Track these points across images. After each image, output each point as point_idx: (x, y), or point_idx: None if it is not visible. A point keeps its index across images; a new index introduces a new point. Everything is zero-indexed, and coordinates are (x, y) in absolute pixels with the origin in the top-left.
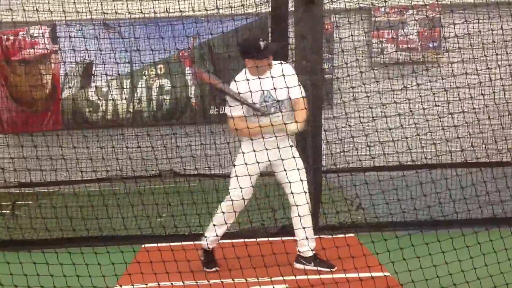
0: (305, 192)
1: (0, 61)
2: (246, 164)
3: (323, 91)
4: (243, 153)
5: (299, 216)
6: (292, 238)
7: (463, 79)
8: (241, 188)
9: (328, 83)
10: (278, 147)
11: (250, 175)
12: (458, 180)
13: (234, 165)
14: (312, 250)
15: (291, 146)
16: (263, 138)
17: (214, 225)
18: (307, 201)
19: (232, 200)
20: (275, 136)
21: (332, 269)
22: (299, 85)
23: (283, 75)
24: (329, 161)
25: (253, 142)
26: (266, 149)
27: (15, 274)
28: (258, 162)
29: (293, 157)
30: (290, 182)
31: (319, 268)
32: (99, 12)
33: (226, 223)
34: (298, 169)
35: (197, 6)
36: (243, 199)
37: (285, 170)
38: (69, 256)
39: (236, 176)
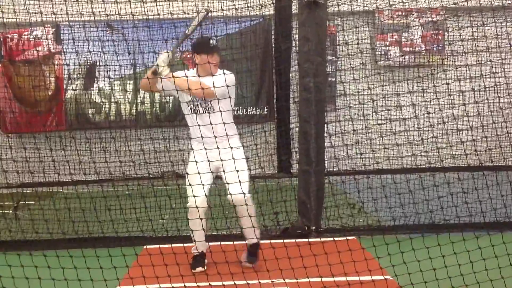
0: (244, 194)
1: (4, 62)
2: (198, 172)
3: (325, 94)
4: (194, 161)
5: (240, 216)
6: (294, 240)
7: (467, 83)
8: (194, 196)
9: (332, 86)
10: (218, 148)
11: (202, 184)
12: (461, 184)
13: (187, 173)
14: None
15: (233, 148)
16: (202, 137)
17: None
18: (247, 203)
19: (196, 207)
20: (215, 137)
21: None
22: (224, 85)
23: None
24: (332, 163)
25: (197, 144)
26: (205, 148)
27: (17, 277)
28: (210, 169)
29: (233, 158)
30: (228, 183)
31: (244, 261)
32: (102, 14)
33: (192, 230)
34: (238, 170)
35: (201, 8)
36: (197, 207)
37: (224, 171)
38: (71, 260)
39: (190, 184)
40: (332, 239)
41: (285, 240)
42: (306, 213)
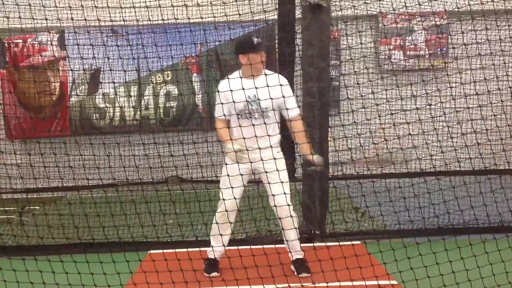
0: (289, 205)
1: (9, 67)
2: (228, 175)
3: (329, 98)
4: (227, 164)
5: (283, 229)
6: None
7: (471, 86)
8: (223, 199)
9: (335, 90)
10: (262, 160)
11: (232, 187)
12: (466, 189)
13: (221, 176)
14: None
15: (277, 158)
16: (247, 150)
17: (211, 235)
18: (291, 214)
19: (226, 211)
20: (259, 148)
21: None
22: (294, 98)
23: (268, 85)
24: (336, 168)
25: (237, 153)
26: (250, 162)
27: (22, 281)
28: (241, 174)
29: (277, 170)
30: (273, 195)
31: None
32: (107, 20)
33: (220, 234)
34: (282, 182)
35: (205, 13)
36: (226, 211)
37: (269, 183)
38: (75, 265)
39: (221, 188)
40: (337, 243)
41: None
42: (311, 218)
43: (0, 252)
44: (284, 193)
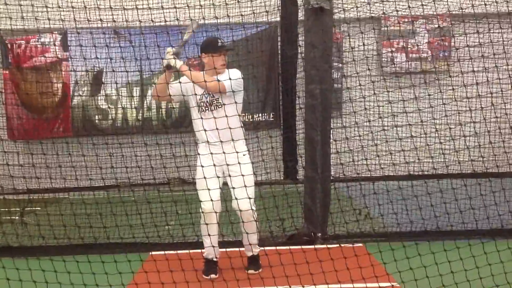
0: (249, 198)
1: (12, 68)
2: (205, 178)
3: (331, 100)
4: (200, 166)
5: (243, 222)
6: (300, 247)
7: (473, 89)
8: (200, 201)
9: (337, 92)
10: (224, 152)
11: (209, 189)
12: (466, 191)
13: (196, 179)
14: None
15: (238, 152)
16: (208, 142)
17: (203, 236)
18: (251, 208)
19: (202, 212)
20: (221, 141)
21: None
22: (237, 88)
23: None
24: (338, 169)
25: (203, 149)
26: (211, 153)
27: (25, 280)
28: (216, 169)
29: (239, 163)
30: (233, 188)
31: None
32: (109, 21)
33: (209, 235)
34: (243, 175)
35: (207, 15)
36: (202, 212)
37: (230, 175)
38: (77, 265)
39: (207, 189)
40: (338, 245)
41: (291, 247)
42: (312, 220)
43: (3, 252)
44: (245, 186)
